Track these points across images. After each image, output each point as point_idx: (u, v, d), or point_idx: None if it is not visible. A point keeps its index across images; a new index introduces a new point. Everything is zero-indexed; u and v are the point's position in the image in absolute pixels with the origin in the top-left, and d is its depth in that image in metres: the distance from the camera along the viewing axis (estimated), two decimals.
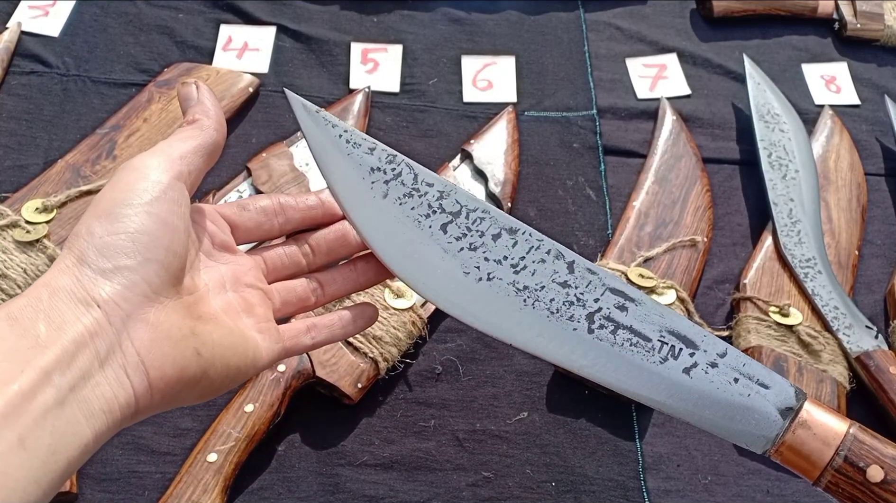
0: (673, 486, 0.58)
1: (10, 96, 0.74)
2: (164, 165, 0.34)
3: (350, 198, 0.39)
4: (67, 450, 0.28)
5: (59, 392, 0.28)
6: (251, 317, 0.37)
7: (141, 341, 0.31)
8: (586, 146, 0.78)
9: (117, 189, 0.33)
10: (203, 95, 0.38)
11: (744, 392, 0.37)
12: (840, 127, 0.82)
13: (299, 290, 0.41)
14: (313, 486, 0.56)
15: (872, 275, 0.73)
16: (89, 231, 0.31)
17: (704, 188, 0.73)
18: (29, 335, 0.28)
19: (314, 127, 0.39)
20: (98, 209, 0.32)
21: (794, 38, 0.91)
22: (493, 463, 0.58)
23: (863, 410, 0.63)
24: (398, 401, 0.60)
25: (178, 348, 0.32)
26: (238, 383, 0.36)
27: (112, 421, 0.30)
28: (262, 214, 0.40)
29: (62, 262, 0.31)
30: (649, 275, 0.65)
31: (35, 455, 0.27)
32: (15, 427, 0.26)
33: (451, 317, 0.40)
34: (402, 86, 0.81)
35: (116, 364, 0.30)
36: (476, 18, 0.87)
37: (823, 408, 0.37)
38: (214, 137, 0.37)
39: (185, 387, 0.33)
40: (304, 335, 0.40)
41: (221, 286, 0.37)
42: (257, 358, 0.36)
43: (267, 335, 0.37)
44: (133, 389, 0.30)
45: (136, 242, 0.31)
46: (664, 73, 0.85)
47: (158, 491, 0.53)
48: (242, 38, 0.82)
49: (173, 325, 0.32)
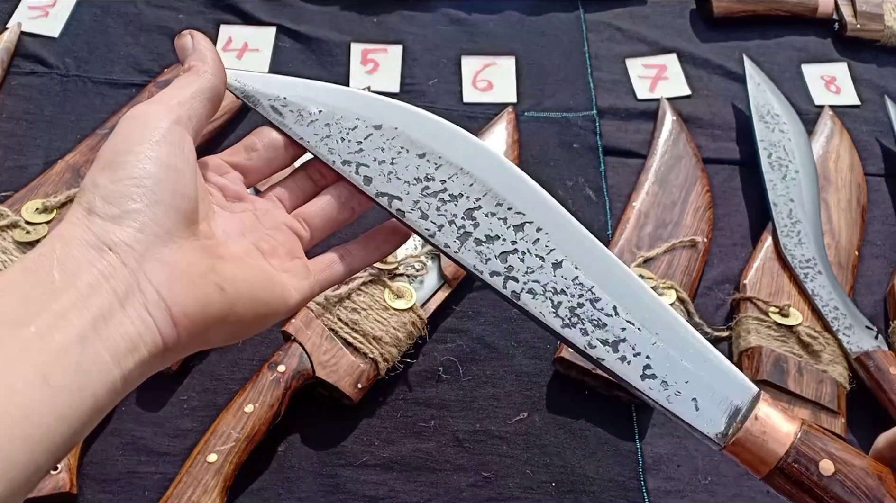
0: (673, 486, 0.58)
1: (11, 97, 0.74)
2: (161, 112, 0.34)
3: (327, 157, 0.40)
4: (94, 388, 0.28)
5: (79, 330, 0.28)
6: (275, 258, 0.37)
7: (159, 280, 0.31)
8: (586, 147, 0.78)
9: (117, 139, 0.33)
10: (199, 43, 0.38)
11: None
12: (840, 127, 0.82)
13: (326, 207, 0.41)
14: (313, 487, 0.56)
15: (872, 275, 0.73)
16: (94, 183, 0.32)
17: (704, 188, 0.73)
18: (43, 282, 0.29)
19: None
20: (100, 161, 0.32)
21: (794, 39, 0.91)
22: (493, 463, 0.58)
23: (863, 410, 0.63)
24: (398, 401, 0.60)
25: (198, 284, 0.32)
26: (271, 322, 0.36)
27: (139, 360, 0.30)
28: (273, 151, 0.40)
29: (73, 216, 0.31)
30: (649, 275, 0.65)
31: (60, 391, 0.27)
32: (35, 364, 0.27)
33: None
34: (402, 86, 0.81)
35: (137, 303, 0.30)
36: (476, 19, 0.87)
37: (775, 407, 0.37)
38: (212, 82, 0.37)
39: (214, 324, 0.33)
40: (336, 264, 0.40)
41: (241, 234, 0.37)
42: (286, 295, 0.36)
43: (294, 273, 0.38)
44: (157, 326, 0.30)
45: (140, 186, 0.31)
46: (664, 73, 0.85)
47: (158, 491, 0.53)
48: (242, 38, 0.82)
49: (191, 263, 0.32)
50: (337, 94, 0.41)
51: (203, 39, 0.38)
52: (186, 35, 0.38)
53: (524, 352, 0.63)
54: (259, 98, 0.41)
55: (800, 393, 0.60)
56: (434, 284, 0.63)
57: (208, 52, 0.38)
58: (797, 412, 0.60)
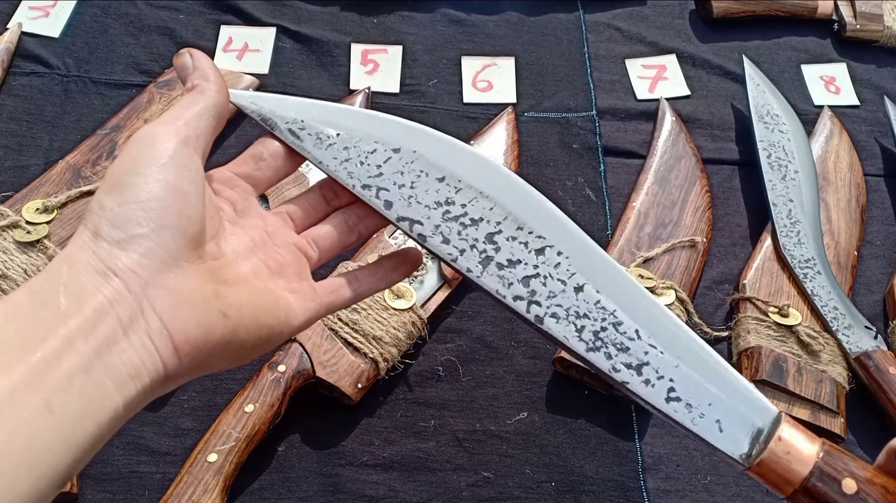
0: (672, 486, 0.58)
1: (11, 97, 0.74)
2: (169, 132, 0.34)
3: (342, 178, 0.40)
4: (97, 415, 0.28)
5: (83, 358, 0.28)
6: (282, 278, 0.37)
7: (162, 306, 0.31)
8: (586, 147, 0.78)
9: (125, 161, 0.33)
10: (199, 61, 0.37)
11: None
12: (839, 128, 0.82)
13: (335, 230, 0.41)
14: (313, 486, 0.56)
15: (872, 275, 0.73)
16: (101, 205, 0.31)
17: (704, 189, 0.73)
18: (50, 306, 0.29)
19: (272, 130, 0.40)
20: (108, 183, 0.32)
21: (793, 39, 0.91)
22: (492, 463, 0.58)
23: (862, 410, 0.63)
24: (398, 401, 0.60)
25: (201, 311, 0.32)
26: (274, 344, 0.36)
27: (142, 387, 0.30)
28: (279, 158, 0.40)
29: (78, 239, 0.31)
30: (649, 275, 0.65)
31: (64, 419, 0.27)
32: (40, 391, 0.27)
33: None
34: (402, 86, 0.81)
35: (140, 330, 0.30)
36: (476, 19, 0.87)
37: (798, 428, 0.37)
38: (216, 99, 0.37)
39: (215, 351, 0.33)
40: (344, 288, 0.40)
41: (250, 251, 0.37)
42: (290, 317, 0.36)
43: (300, 294, 0.37)
44: (159, 354, 0.30)
45: (146, 210, 0.31)
46: (664, 73, 0.85)
47: (159, 491, 0.53)
48: (243, 38, 0.82)
49: (195, 289, 0.32)
50: (354, 117, 0.41)
51: (203, 57, 0.38)
52: (185, 54, 0.38)
53: (524, 352, 0.64)
54: (276, 121, 0.40)
55: (799, 393, 0.60)
56: (434, 284, 0.63)
57: (210, 69, 0.37)
58: (797, 412, 0.60)
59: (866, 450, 0.62)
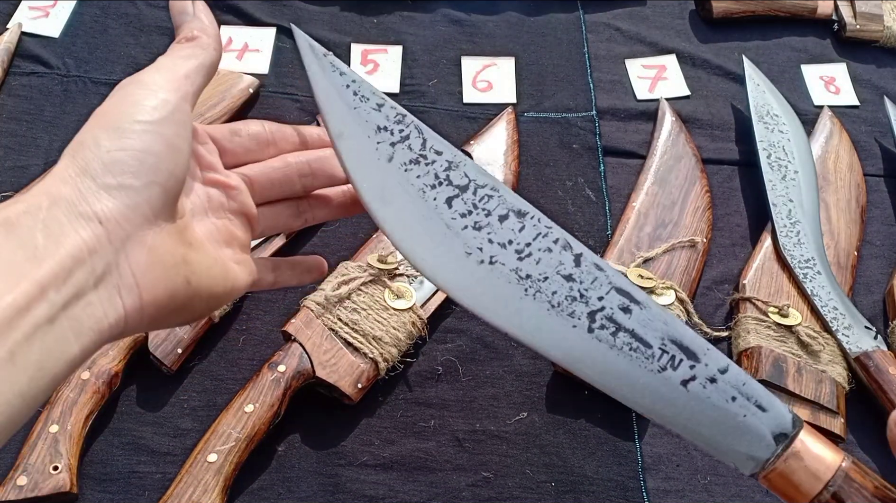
0: (672, 486, 0.58)
1: (11, 97, 0.74)
2: (172, 84, 0.33)
3: (352, 156, 0.36)
4: (54, 366, 0.27)
5: (51, 308, 0.27)
6: (230, 248, 0.37)
7: (138, 263, 0.30)
8: (586, 147, 0.78)
9: (126, 103, 0.32)
10: (199, 10, 0.36)
11: (739, 412, 0.36)
12: (839, 128, 0.82)
13: (285, 216, 0.41)
14: (313, 486, 0.56)
15: (872, 275, 0.73)
16: (96, 142, 0.30)
17: (704, 189, 0.73)
18: (27, 246, 0.27)
19: (320, 72, 0.36)
20: (105, 120, 0.31)
21: (793, 40, 0.91)
22: (492, 463, 0.58)
23: (862, 411, 0.63)
24: (398, 401, 0.60)
25: (170, 274, 0.31)
26: (214, 310, 0.36)
27: (99, 338, 0.29)
28: (254, 142, 0.39)
29: (64, 171, 0.30)
30: (649, 275, 0.65)
31: (23, 369, 0.26)
32: (6, 341, 0.26)
33: (449, 298, 0.39)
34: (402, 87, 0.81)
35: (111, 284, 0.29)
36: (476, 20, 0.87)
37: (818, 438, 0.36)
38: (214, 57, 0.36)
39: (172, 313, 0.32)
40: (269, 273, 0.41)
41: (203, 210, 0.36)
42: (235, 289, 0.36)
43: (243, 266, 0.37)
44: (125, 310, 0.30)
45: (142, 162, 0.30)
46: (663, 74, 0.85)
47: (159, 491, 0.53)
48: (243, 39, 0.82)
49: (168, 251, 0.31)
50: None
51: (203, 7, 0.36)
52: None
53: (524, 352, 0.64)
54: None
55: (799, 393, 0.61)
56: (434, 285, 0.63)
57: (210, 22, 0.36)
58: (797, 412, 0.60)
59: (866, 450, 0.62)
